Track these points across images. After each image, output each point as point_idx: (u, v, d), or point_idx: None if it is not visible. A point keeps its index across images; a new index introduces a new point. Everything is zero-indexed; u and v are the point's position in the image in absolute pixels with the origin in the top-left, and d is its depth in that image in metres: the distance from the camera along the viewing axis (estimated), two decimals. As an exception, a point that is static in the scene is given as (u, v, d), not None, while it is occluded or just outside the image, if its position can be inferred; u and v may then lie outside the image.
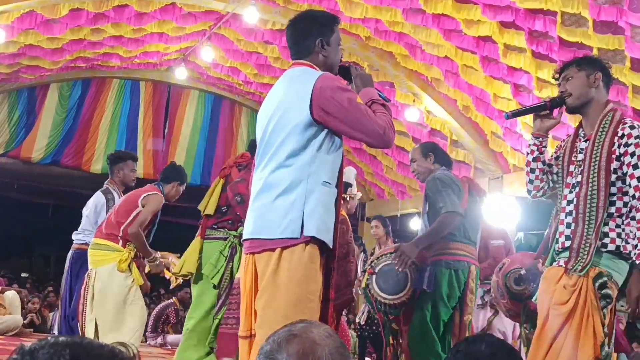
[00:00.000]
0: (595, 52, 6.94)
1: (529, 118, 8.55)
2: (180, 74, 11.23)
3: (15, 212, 14.64)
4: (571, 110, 2.91)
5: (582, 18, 6.87)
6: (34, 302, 9.46)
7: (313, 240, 2.36)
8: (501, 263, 4.60)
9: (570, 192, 2.78)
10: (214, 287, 3.97)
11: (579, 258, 2.65)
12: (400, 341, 4.21)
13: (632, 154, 2.61)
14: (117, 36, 9.83)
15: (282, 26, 9.49)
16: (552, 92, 7.89)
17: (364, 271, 4.14)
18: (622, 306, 2.83)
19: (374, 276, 4.00)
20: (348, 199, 5.19)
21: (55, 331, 9.22)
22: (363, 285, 4.09)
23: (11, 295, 8.57)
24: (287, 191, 2.37)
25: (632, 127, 2.66)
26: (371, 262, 4.12)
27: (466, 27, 7.92)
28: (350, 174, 5.84)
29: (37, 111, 11.52)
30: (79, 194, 10.40)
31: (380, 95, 2.62)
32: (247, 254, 2.47)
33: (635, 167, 2.60)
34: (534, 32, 7.50)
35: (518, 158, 9.30)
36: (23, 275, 15.36)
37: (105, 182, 5.36)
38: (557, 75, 2.95)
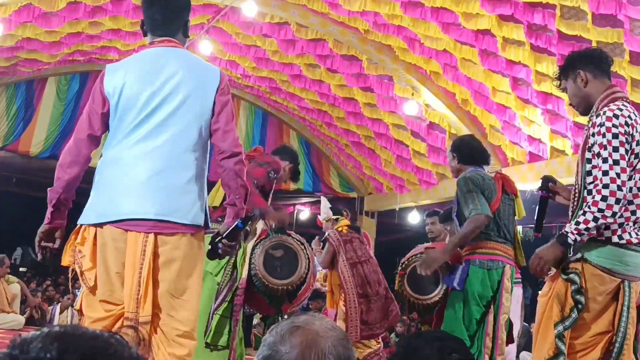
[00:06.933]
0: (594, 45, 6.94)
1: (527, 111, 8.58)
2: (179, 68, 11.17)
3: (13, 206, 14.62)
4: (585, 115, 2.92)
5: (581, 11, 6.86)
6: (35, 295, 9.47)
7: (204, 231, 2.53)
8: None
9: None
10: (217, 283, 3.80)
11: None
12: None
13: (594, 144, 2.62)
14: (115, 29, 9.80)
15: (281, 19, 9.48)
16: (550, 85, 7.88)
17: (395, 273, 4.13)
18: None
19: (405, 277, 3.98)
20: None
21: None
22: (396, 287, 4.09)
23: (15, 290, 8.62)
24: (197, 177, 2.46)
25: (597, 115, 2.67)
26: (402, 263, 4.11)
27: (465, 21, 7.91)
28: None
29: (35, 105, 11.49)
30: (77, 187, 10.37)
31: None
32: (145, 232, 2.36)
33: (598, 155, 2.60)
34: (532, 25, 7.49)
35: (516, 151, 9.31)
36: (22, 269, 15.34)
37: None
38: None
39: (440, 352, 1.53)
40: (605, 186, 2.53)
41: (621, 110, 2.65)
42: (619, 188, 2.52)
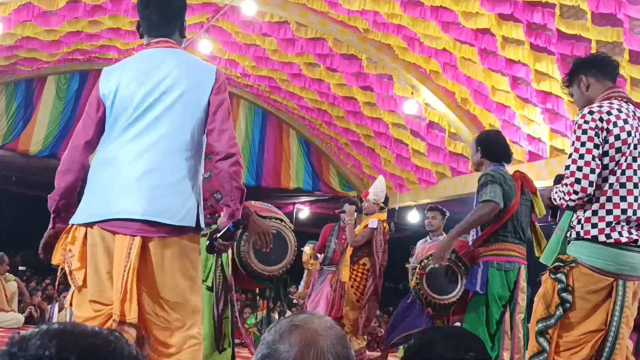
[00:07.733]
0: (593, 44, 6.94)
1: (527, 110, 8.58)
2: (178, 67, 11.17)
3: (13, 205, 14.61)
4: None
5: (580, 10, 6.86)
6: (35, 294, 9.47)
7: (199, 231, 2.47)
8: None
9: None
10: (208, 288, 3.79)
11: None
12: None
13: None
14: (114, 28, 9.79)
15: (281, 19, 9.48)
16: (550, 84, 7.90)
17: (414, 268, 4.14)
18: None
19: (424, 276, 4.02)
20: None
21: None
22: (413, 284, 4.11)
23: (13, 288, 8.62)
24: (190, 177, 2.42)
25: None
26: (421, 261, 4.12)
27: (464, 20, 7.91)
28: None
29: (35, 103, 11.50)
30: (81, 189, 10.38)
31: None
32: (131, 235, 2.34)
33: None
34: (532, 25, 7.49)
35: (516, 150, 9.29)
36: (21, 268, 15.35)
37: None
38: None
39: (457, 349, 1.47)
40: (568, 177, 2.73)
41: (601, 107, 2.70)
42: (577, 181, 2.69)
